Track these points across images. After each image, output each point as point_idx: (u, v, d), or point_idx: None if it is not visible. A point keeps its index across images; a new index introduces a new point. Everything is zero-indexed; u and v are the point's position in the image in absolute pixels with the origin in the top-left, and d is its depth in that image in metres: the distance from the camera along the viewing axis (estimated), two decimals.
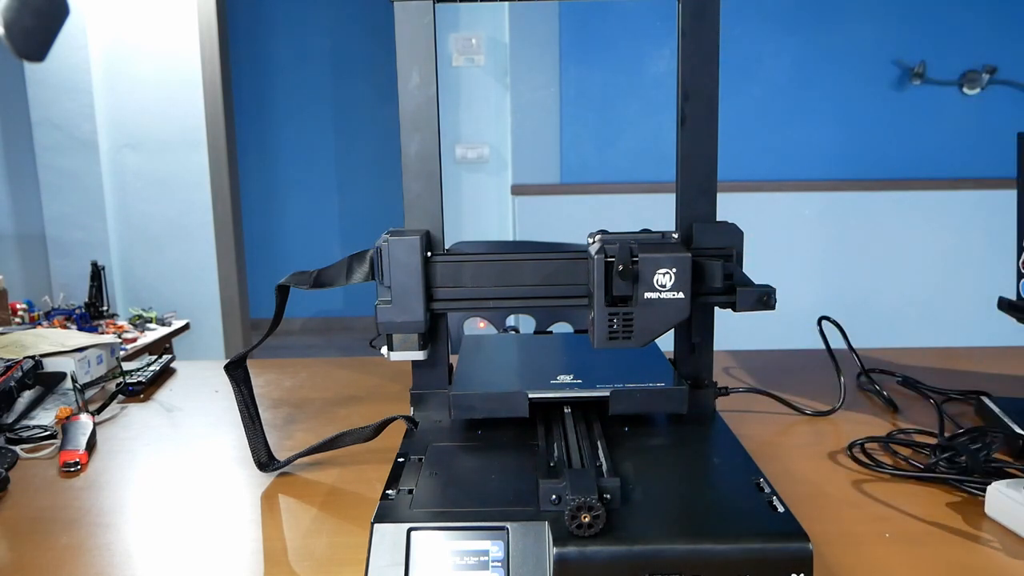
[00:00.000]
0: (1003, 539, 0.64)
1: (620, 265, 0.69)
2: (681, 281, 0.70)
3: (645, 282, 0.70)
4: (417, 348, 0.77)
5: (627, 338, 0.71)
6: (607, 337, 0.71)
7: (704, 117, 0.79)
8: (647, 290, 0.70)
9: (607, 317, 0.71)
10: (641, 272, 0.70)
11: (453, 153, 3.04)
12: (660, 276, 0.70)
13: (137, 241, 3.16)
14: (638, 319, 0.71)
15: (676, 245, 0.72)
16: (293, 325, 4.80)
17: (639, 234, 0.76)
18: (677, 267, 0.69)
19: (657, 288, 0.70)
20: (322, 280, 0.77)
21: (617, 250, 0.69)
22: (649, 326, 0.71)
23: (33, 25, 0.61)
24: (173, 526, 0.69)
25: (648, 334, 0.71)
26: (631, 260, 0.69)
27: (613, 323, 0.71)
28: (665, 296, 0.70)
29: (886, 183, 2.94)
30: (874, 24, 2.88)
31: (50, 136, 3.03)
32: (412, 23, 0.78)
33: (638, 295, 0.70)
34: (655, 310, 0.70)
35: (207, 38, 3.01)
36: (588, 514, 0.55)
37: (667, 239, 0.75)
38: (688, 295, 0.70)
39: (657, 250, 0.70)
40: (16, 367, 0.98)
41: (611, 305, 0.71)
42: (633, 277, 0.69)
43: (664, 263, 0.70)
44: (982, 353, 1.20)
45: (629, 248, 0.69)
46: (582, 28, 2.91)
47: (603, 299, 0.70)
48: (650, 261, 0.70)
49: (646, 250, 0.70)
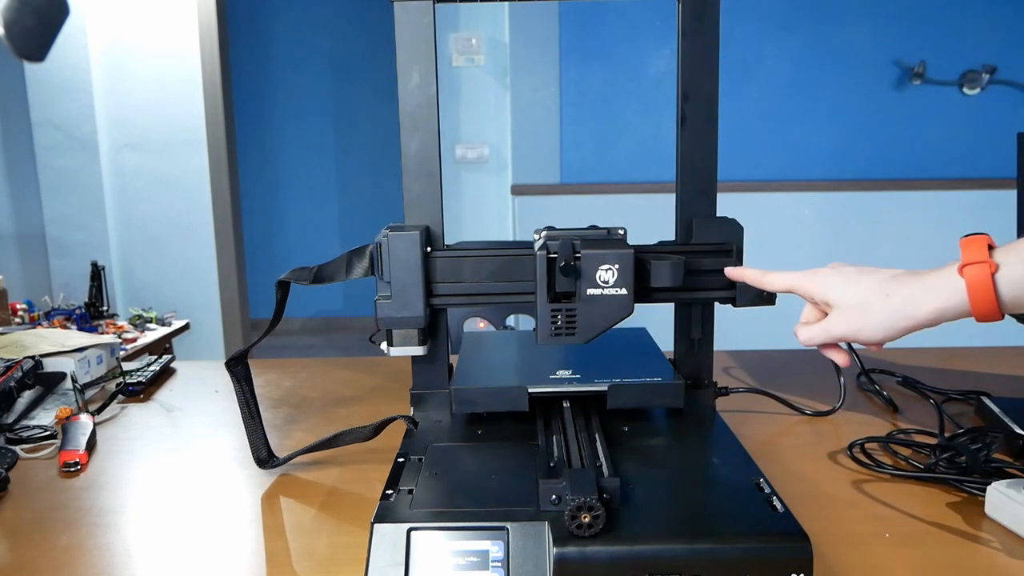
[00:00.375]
0: (1003, 539, 0.64)
1: (563, 261, 0.69)
2: (624, 277, 0.70)
3: (588, 278, 0.70)
4: (417, 343, 0.77)
5: (570, 334, 0.71)
6: (550, 333, 0.71)
7: (704, 117, 0.79)
8: (590, 286, 0.70)
9: (550, 313, 0.71)
10: (584, 268, 0.70)
11: (453, 153, 3.04)
12: (603, 272, 0.70)
13: (137, 241, 3.16)
14: (581, 315, 0.71)
15: (619, 242, 0.72)
16: (293, 325, 4.80)
17: (586, 231, 0.76)
18: (620, 263, 0.70)
19: (600, 284, 0.70)
20: (322, 276, 0.77)
21: (559, 247, 0.70)
22: (592, 322, 0.71)
23: (33, 25, 0.61)
24: (173, 526, 0.69)
25: (591, 330, 0.71)
26: (574, 256, 0.69)
27: (556, 319, 0.71)
28: (608, 292, 0.70)
29: (886, 183, 2.94)
30: (874, 24, 2.88)
31: (50, 136, 3.03)
32: (412, 23, 0.78)
33: (581, 291, 0.70)
34: (598, 306, 0.71)
35: (207, 38, 3.01)
36: (588, 514, 0.55)
37: (612, 236, 0.75)
38: (631, 291, 0.70)
39: (600, 246, 0.70)
40: (16, 367, 0.98)
41: (554, 301, 0.71)
42: (576, 273, 0.70)
43: (606, 259, 0.70)
44: (982, 353, 1.20)
45: (571, 245, 0.70)
46: (582, 28, 2.91)
47: (546, 295, 0.71)
48: (592, 257, 0.70)
49: (589, 246, 0.70)
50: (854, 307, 0.67)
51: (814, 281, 0.71)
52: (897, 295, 0.65)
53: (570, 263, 0.69)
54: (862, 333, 0.67)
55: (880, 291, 0.66)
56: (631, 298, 0.71)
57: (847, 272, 0.70)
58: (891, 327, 0.65)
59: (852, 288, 0.68)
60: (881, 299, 0.66)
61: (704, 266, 0.78)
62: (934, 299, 0.63)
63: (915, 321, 0.64)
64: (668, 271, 0.71)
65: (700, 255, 0.78)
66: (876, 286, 0.67)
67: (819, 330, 0.70)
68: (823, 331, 0.69)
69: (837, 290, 0.69)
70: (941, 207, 2.92)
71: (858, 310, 0.67)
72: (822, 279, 0.70)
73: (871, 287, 0.67)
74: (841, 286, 0.69)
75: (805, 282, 0.71)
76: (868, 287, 0.67)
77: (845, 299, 0.68)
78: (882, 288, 0.66)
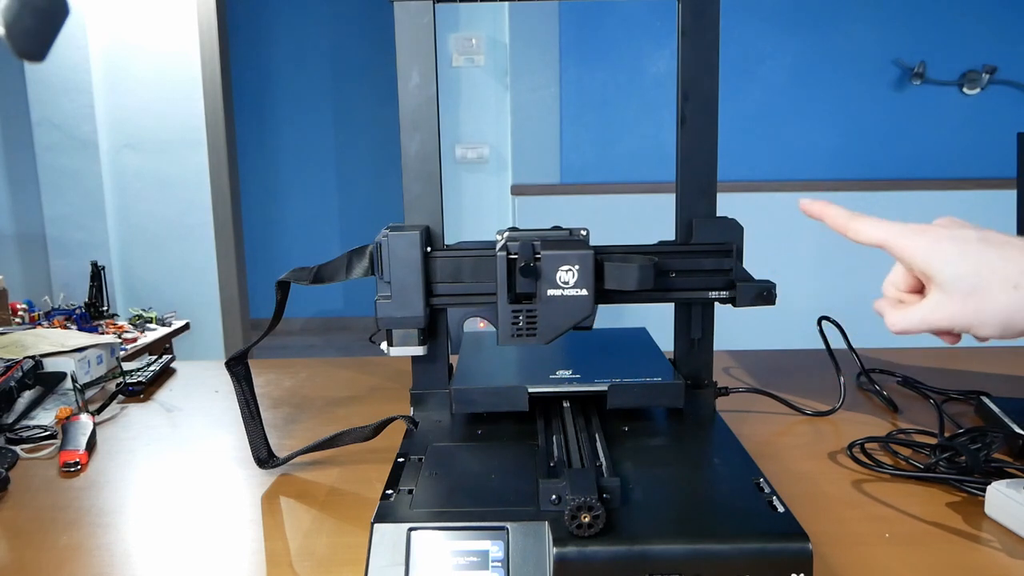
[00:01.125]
0: (1003, 539, 0.64)
1: (523, 262, 0.69)
2: (584, 278, 0.70)
3: (548, 279, 0.70)
4: (417, 343, 0.77)
5: (531, 334, 0.71)
6: (511, 334, 0.71)
7: (704, 117, 0.79)
8: (550, 287, 0.70)
9: (510, 314, 0.71)
10: (544, 269, 0.70)
11: (453, 153, 3.04)
12: (563, 273, 0.70)
13: (137, 241, 3.16)
14: (542, 316, 0.71)
15: (579, 243, 0.72)
16: (293, 325, 4.80)
17: (549, 231, 0.76)
18: (580, 264, 0.70)
19: (560, 285, 0.70)
20: (322, 275, 0.77)
21: (519, 248, 0.70)
22: (553, 323, 0.71)
23: (33, 25, 0.61)
24: (173, 526, 0.69)
25: (552, 331, 0.71)
26: (534, 257, 0.69)
27: (517, 320, 0.71)
28: (568, 293, 0.70)
29: (886, 183, 2.94)
30: (874, 24, 2.88)
31: (50, 136, 3.03)
32: (412, 23, 0.78)
33: (541, 292, 0.70)
34: (558, 307, 0.71)
35: (207, 38, 3.01)
36: (588, 514, 0.55)
37: (574, 236, 0.76)
38: (591, 292, 0.70)
39: (560, 247, 0.70)
40: (16, 367, 0.98)
41: (515, 302, 0.71)
42: (536, 274, 0.70)
43: (566, 260, 0.70)
44: (982, 353, 1.20)
45: (531, 245, 0.70)
46: (582, 28, 2.91)
47: (506, 296, 0.71)
48: (552, 258, 0.70)
49: (549, 247, 0.70)
50: (968, 294, 0.52)
51: (917, 244, 0.55)
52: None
53: (530, 264, 0.69)
54: (975, 328, 0.53)
55: (1008, 278, 0.51)
56: (591, 299, 0.71)
57: (965, 239, 0.54)
58: (1012, 326, 0.52)
59: (969, 266, 0.52)
60: (1006, 290, 0.51)
61: (704, 266, 0.78)
62: None
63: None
64: (635, 274, 0.71)
65: (700, 255, 0.78)
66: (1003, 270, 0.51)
67: (917, 319, 0.55)
68: (922, 320, 0.54)
69: (948, 267, 0.53)
70: (941, 207, 2.90)
71: (974, 299, 0.52)
72: (929, 243, 0.54)
73: (996, 270, 0.51)
74: (955, 261, 0.53)
75: (904, 241, 0.56)
76: (991, 269, 0.51)
77: (957, 281, 0.52)
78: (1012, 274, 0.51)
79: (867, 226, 0.58)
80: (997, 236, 0.53)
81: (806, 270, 2.92)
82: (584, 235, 0.76)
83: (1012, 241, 0.53)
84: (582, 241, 0.74)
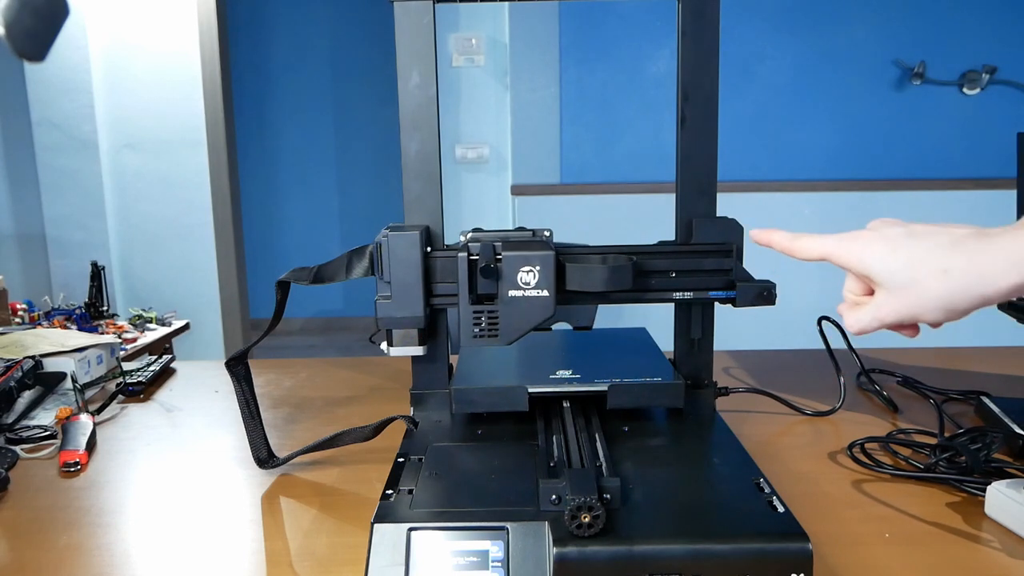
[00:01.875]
0: (1003, 539, 0.64)
1: (483, 263, 0.69)
2: (545, 279, 0.70)
3: (509, 280, 0.70)
4: (417, 343, 0.77)
5: (493, 335, 0.72)
6: (472, 335, 0.72)
7: (704, 117, 0.79)
8: (511, 288, 0.71)
9: (472, 315, 0.71)
10: (505, 270, 0.70)
11: (453, 153, 3.04)
12: (524, 274, 0.70)
13: (137, 241, 3.16)
14: (503, 317, 0.71)
15: (540, 243, 0.73)
16: (293, 325, 4.80)
17: (512, 232, 0.76)
18: (540, 265, 0.70)
19: (521, 286, 0.70)
20: (322, 275, 0.77)
21: (480, 248, 0.70)
22: (514, 324, 0.71)
23: (33, 25, 0.61)
24: (173, 526, 0.69)
25: (514, 332, 0.72)
26: (495, 258, 0.70)
27: (479, 320, 0.71)
28: (529, 294, 0.71)
29: (886, 183, 2.94)
30: (874, 24, 2.88)
31: (50, 136, 3.03)
32: (412, 23, 0.78)
33: (503, 293, 0.71)
34: (520, 308, 0.71)
35: (207, 38, 3.01)
36: (588, 514, 0.55)
37: (537, 237, 0.76)
38: (552, 293, 0.71)
39: (521, 248, 0.71)
40: (16, 367, 0.98)
41: (476, 303, 0.71)
42: (497, 275, 0.70)
43: (527, 261, 0.70)
44: (982, 353, 1.20)
45: (492, 247, 0.70)
46: (582, 28, 2.91)
47: (468, 297, 0.71)
48: (513, 259, 0.70)
49: (510, 248, 0.70)
50: (905, 287, 0.55)
51: (851, 250, 0.58)
52: (957, 270, 0.52)
53: (490, 265, 0.70)
54: (920, 317, 0.55)
55: (936, 266, 0.53)
56: (552, 299, 0.71)
57: (892, 236, 0.57)
58: (953, 308, 0.53)
59: (900, 261, 0.55)
60: (938, 277, 0.53)
61: (704, 266, 0.78)
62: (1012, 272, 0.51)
63: (984, 300, 0.52)
64: (601, 275, 0.71)
65: (700, 255, 0.78)
66: (930, 259, 0.54)
67: (868, 318, 0.58)
68: (873, 318, 0.57)
69: (880, 264, 0.56)
70: (941, 207, 2.92)
71: (910, 291, 0.55)
72: (861, 248, 0.58)
73: (924, 260, 0.54)
74: (884, 258, 0.56)
75: (840, 250, 0.59)
76: (920, 260, 0.54)
77: (892, 277, 0.56)
78: (939, 261, 0.53)
79: (807, 243, 0.62)
80: (923, 228, 0.56)
81: (806, 270, 2.91)
82: (547, 236, 0.76)
83: (936, 230, 0.56)
84: (544, 242, 0.74)
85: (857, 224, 0.61)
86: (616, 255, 0.74)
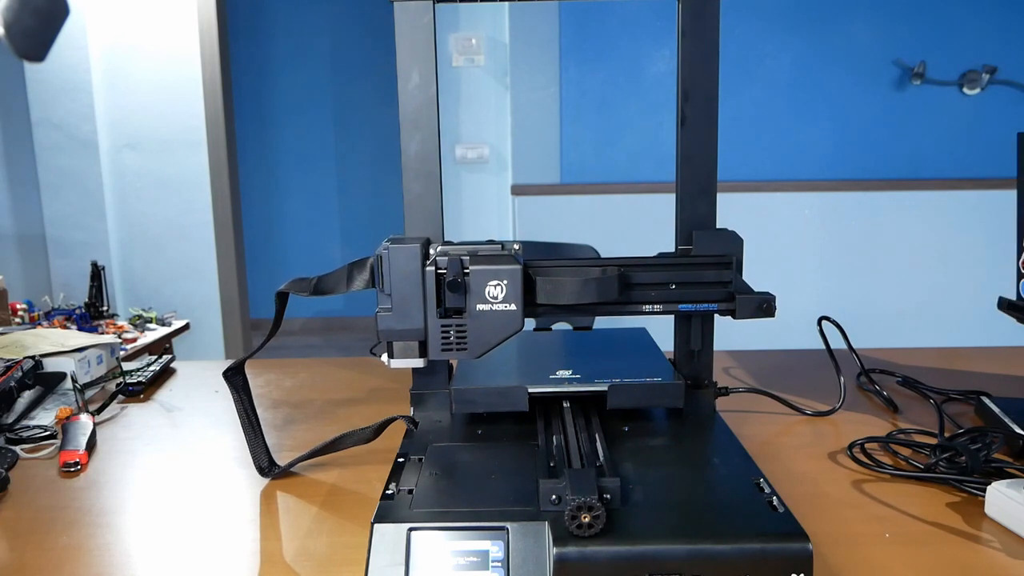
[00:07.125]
0: (1003, 539, 0.64)
1: (450, 277, 0.70)
2: (512, 293, 0.71)
3: (476, 294, 0.71)
4: (417, 355, 0.77)
5: (462, 349, 0.72)
6: (441, 348, 0.72)
7: (704, 117, 0.79)
8: (479, 302, 0.71)
9: (440, 329, 0.71)
10: (472, 284, 0.71)
11: (453, 153, 3.04)
12: (491, 288, 0.71)
13: (137, 241, 3.16)
14: (471, 330, 0.71)
15: (508, 257, 0.73)
16: (293, 325, 4.80)
17: (483, 245, 0.76)
18: (508, 279, 0.70)
19: (489, 300, 0.71)
20: (322, 287, 0.77)
21: (448, 263, 0.71)
22: (483, 337, 0.72)
23: (33, 25, 0.61)
24: (173, 526, 0.69)
25: (482, 345, 0.72)
26: (462, 272, 0.70)
27: (448, 334, 0.72)
28: (497, 308, 0.71)
29: (886, 183, 2.94)
30: (874, 24, 2.88)
31: (50, 136, 3.03)
32: (412, 23, 0.78)
33: (471, 307, 0.71)
34: (487, 321, 0.71)
35: (207, 38, 3.01)
36: (588, 514, 0.55)
37: (506, 251, 0.76)
38: (520, 306, 0.71)
39: (488, 262, 0.71)
40: (16, 367, 0.98)
41: (445, 317, 0.72)
42: (464, 289, 0.70)
43: (495, 275, 0.70)
44: (982, 353, 1.20)
45: (459, 261, 0.71)
46: (582, 28, 2.91)
47: (436, 311, 0.71)
48: (480, 273, 0.70)
49: (477, 262, 0.71)
50: None
51: None
52: None
53: (457, 279, 0.70)
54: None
55: None
56: (520, 313, 0.71)
57: None
58: None
59: None
60: None
61: (704, 278, 0.78)
62: None
63: None
64: (571, 288, 0.71)
65: (700, 267, 0.78)
66: None
67: None
68: None
69: None
70: (941, 207, 2.92)
71: None
72: None
73: None
74: None
75: None
76: None
77: None
78: None
79: None
80: None
81: (806, 270, 2.92)
82: (516, 249, 0.76)
83: None
84: (512, 256, 0.74)
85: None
86: (591, 267, 0.75)
